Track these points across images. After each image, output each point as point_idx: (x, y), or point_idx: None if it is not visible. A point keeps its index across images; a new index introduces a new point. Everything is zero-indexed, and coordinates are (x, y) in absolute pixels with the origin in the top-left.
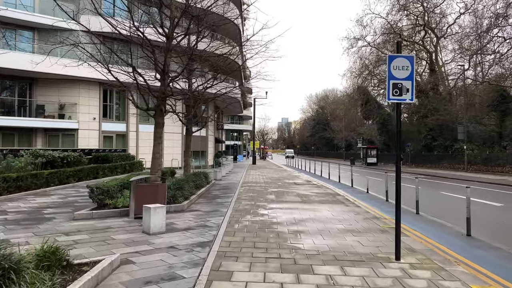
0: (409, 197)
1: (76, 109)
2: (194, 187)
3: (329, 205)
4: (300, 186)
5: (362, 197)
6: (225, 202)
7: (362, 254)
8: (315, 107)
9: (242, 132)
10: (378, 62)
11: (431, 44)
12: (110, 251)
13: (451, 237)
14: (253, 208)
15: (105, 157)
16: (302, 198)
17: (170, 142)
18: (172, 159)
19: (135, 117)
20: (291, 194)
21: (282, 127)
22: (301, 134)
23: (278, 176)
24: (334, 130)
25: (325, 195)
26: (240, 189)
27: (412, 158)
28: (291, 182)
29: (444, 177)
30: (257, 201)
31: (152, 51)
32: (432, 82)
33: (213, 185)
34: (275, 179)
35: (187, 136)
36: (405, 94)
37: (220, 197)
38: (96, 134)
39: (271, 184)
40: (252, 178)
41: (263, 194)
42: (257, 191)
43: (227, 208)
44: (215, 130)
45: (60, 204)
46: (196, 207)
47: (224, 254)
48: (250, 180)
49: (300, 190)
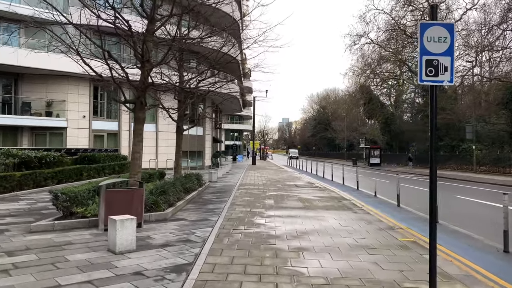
0: (423, 201)
1: (64, 107)
2: (182, 191)
3: (335, 212)
4: (301, 189)
5: (371, 202)
6: (217, 209)
7: (385, 283)
8: (316, 106)
9: (242, 132)
10: (380, 60)
11: None
12: (54, 281)
13: (486, 255)
14: (248, 216)
15: (92, 157)
16: (304, 203)
17: (165, 141)
18: (167, 160)
19: (127, 115)
20: (292, 199)
21: (283, 127)
22: (302, 134)
23: (278, 178)
24: (336, 130)
25: (329, 200)
26: (236, 192)
27: (417, 158)
28: (292, 184)
29: (453, 179)
30: (253, 207)
31: (129, 31)
32: None
33: (206, 188)
34: (274, 180)
35: (178, 135)
36: (442, 74)
37: (213, 202)
38: (86, 133)
39: (270, 187)
40: (251, 179)
41: (261, 198)
42: (254, 194)
43: (218, 217)
44: (212, 129)
45: (24, 212)
46: (182, 215)
47: (204, 285)
48: (248, 182)
49: (302, 194)
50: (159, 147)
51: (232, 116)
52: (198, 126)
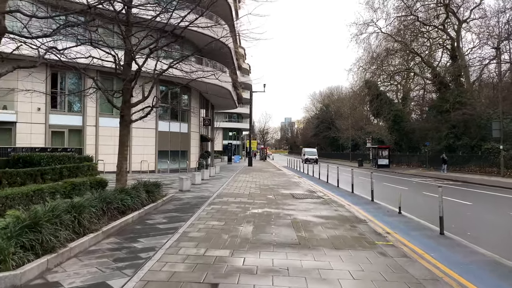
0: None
1: (13, 97)
2: (107, 213)
3: (349, 253)
4: (299, 203)
5: (398, 225)
6: (147, 251)
7: None
8: (319, 105)
9: (241, 131)
10: (388, 54)
11: (452, 29)
12: None
13: None
14: (193, 271)
15: (29, 159)
16: (300, 232)
17: (140, 139)
18: (142, 161)
19: (93, 108)
20: (282, 222)
21: (285, 127)
22: (304, 134)
23: (273, 184)
24: (340, 129)
25: (338, 224)
26: (203, 211)
27: (430, 160)
28: (287, 194)
29: (481, 184)
30: (214, 244)
31: None
32: (454, 72)
33: (166, 202)
34: (267, 188)
35: (122, 128)
36: None
37: (153, 232)
38: (41, 128)
39: (258, 199)
40: (237, 186)
41: (235, 222)
42: (229, 214)
43: (130, 278)
44: (200, 126)
45: None
46: (59, 276)
47: None
48: (230, 192)
49: (298, 212)
50: (133, 146)
51: (230, 114)
52: (182, 121)
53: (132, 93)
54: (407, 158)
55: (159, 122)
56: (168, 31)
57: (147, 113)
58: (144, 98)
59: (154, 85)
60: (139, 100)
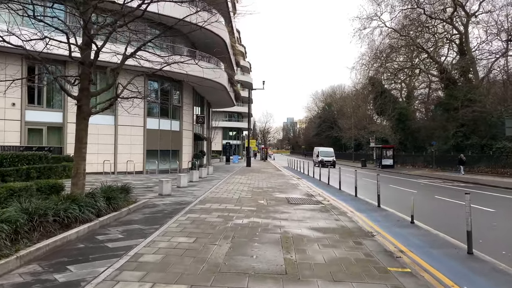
0: (484, 229)
1: None
2: (21, 235)
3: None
4: (293, 210)
5: (415, 240)
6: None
7: None
8: (321, 104)
9: (241, 130)
10: (392, 51)
11: (460, 23)
12: None
13: None
14: None
15: None
16: (290, 253)
17: (127, 138)
18: (128, 161)
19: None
20: (268, 239)
21: (287, 127)
22: (306, 133)
23: (268, 186)
24: (342, 128)
25: (339, 239)
26: (176, 221)
27: (437, 160)
28: (282, 198)
29: (495, 187)
30: (168, 275)
31: None
32: (466, 65)
33: (131, 211)
34: (260, 191)
35: (79, 121)
36: None
37: (93, 255)
38: (16, 125)
39: (247, 205)
40: (227, 190)
41: (209, 238)
42: (205, 226)
43: None
44: (194, 124)
45: None
46: None
47: None
48: (217, 196)
49: (291, 223)
50: (118, 145)
51: (230, 113)
52: (173, 119)
53: (91, 79)
54: (413, 158)
55: (147, 119)
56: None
57: (111, 103)
58: (108, 87)
59: (120, 70)
60: (102, 89)
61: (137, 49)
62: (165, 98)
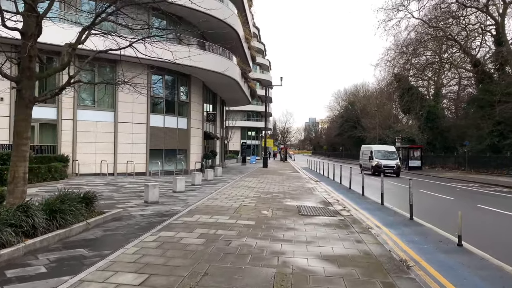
0: None
1: None
2: None
3: None
4: (303, 226)
5: (474, 279)
6: None
7: None
8: (344, 103)
9: (261, 130)
10: (419, 45)
11: (496, 12)
12: None
13: None
14: None
15: None
16: None
17: (128, 136)
18: (128, 162)
19: (71, 98)
20: (255, 278)
21: (308, 127)
22: (328, 133)
23: (279, 191)
24: (366, 128)
25: (361, 280)
26: (139, 243)
27: (471, 161)
28: (291, 207)
29: None
30: None
31: None
32: (499, 60)
33: (90, 226)
34: (268, 198)
35: (18, 109)
36: None
37: None
38: (5, 122)
39: (245, 217)
40: (229, 195)
41: (168, 276)
42: (175, 252)
43: None
44: (203, 122)
45: None
46: None
47: None
48: (214, 204)
49: (295, 247)
50: (118, 144)
51: (249, 112)
52: (180, 116)
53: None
54: (442, 159)
55: (151, 115)
56: None
57: (62, 87)
58: (61, 67)
59: (76, 46)
60: (54, 69)
61: (96, 16)
62: (170, 92)
